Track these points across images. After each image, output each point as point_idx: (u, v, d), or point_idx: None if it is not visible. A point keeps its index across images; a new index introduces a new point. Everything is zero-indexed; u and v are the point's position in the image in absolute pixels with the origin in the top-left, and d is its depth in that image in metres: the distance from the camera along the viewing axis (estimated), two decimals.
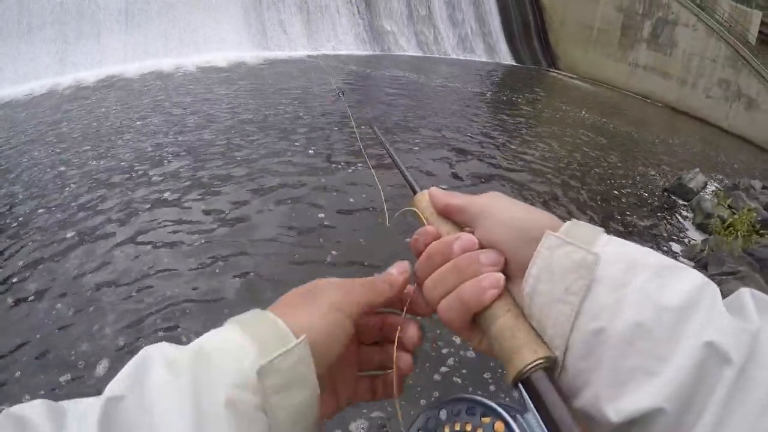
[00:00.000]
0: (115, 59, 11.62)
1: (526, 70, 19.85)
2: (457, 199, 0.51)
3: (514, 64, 20.16)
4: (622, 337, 0.38)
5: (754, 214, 7.02)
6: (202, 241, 4.79)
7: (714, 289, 0.39)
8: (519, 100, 13.64)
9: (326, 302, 0.45)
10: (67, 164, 6.43)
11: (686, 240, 6.94)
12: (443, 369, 3.54)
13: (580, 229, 0.43)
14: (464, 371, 3.54)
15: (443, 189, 0.53)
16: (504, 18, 20.36)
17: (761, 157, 15.45)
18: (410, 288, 0.52)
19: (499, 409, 0.41)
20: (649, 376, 0.36)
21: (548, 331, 0.42)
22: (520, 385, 0.41)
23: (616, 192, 8.00)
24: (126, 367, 0.37)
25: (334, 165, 6.77)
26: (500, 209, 0.48)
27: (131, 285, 4.13)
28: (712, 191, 8.57)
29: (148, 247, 4.67)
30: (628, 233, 6.50)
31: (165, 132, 7.61)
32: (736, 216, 6.82)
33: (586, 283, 0.40)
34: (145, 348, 0.39)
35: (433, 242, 0.50)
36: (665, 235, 6.98)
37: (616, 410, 0.37)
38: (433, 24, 18.62)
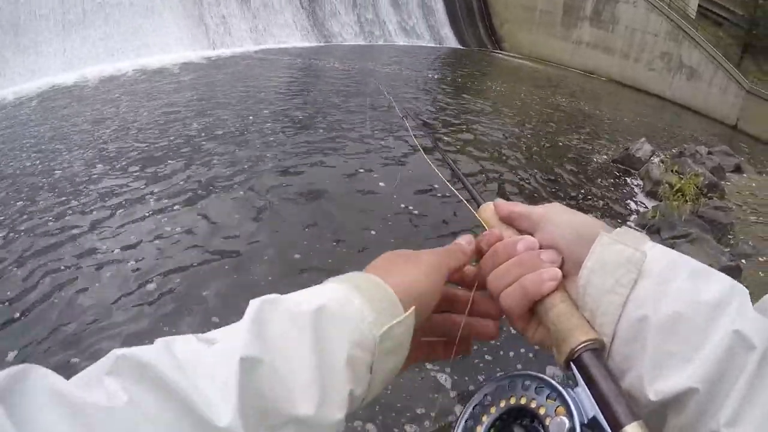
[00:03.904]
0: (56, 68, 10.62)
1: (472, 52, 19.69)
2: (519, 207, 0.55)
3: (460, 47, 20.03)
4: (663, 325, 0.42)
5: (701, 178, 7.02)
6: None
7: (744, 290, 0.43)
8: (466, 82, 13.47)
9: (426, 263, 0.50)
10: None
11: (638, 208, 6.90)
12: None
13: (629, 233, 0.48)
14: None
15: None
16: (448, 3, 20.20)
17: (705, 124, 15.87)
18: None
19: (553, 382, 0.44)
20: (685, 362, 0.40)
21: (598, 319, 0.46)
22: (571, 364, 0.45)
23: (566, 165, 7.89)
24: (245, 321, 0.38)
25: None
26: (558, 215, 0.52)
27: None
28: (660, 159, 8.58)
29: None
30: (580, 206, 6.35)
31: (120, 139, 6.88)
32: (683, 181, 6.79)
33: (634, 276, 0.44)
34: (257, 300, 0.40)
35: (498, 242, 0.54)
36: (617, 204, 6.91)
37: (655, 391, 0.41)
38: (376, 12, 18.23)
